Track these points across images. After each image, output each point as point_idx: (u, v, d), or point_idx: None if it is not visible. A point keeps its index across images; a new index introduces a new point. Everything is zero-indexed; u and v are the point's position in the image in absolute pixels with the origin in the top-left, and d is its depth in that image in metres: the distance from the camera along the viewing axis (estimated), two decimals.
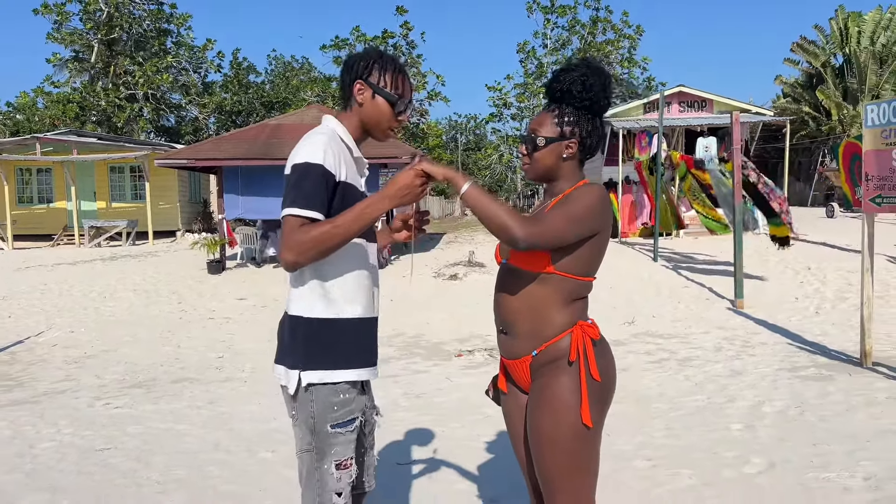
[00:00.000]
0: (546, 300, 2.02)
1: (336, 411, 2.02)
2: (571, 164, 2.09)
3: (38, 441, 4.78)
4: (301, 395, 2.04)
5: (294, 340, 2.06)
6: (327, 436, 2.02)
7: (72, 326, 9.60)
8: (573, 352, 1.99)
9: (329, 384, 2.02)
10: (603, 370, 2.02)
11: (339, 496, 2.04)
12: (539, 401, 2.03)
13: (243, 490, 3.82)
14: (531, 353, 2.05)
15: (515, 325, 2.08)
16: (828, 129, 29.50)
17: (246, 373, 6.86)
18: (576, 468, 1.99)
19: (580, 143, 2.07)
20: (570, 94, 2.03)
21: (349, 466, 2.06)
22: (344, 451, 2.04)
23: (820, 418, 4.70)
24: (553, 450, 1.99)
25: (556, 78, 2.07)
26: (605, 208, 2.01)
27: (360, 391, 2.11)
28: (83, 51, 32.81)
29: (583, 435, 1.98)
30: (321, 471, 2.03)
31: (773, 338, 7.45)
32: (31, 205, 21.87)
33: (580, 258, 2.01)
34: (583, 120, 2.06)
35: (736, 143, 9.31)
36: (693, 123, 18.30)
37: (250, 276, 13.51)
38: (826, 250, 12.77)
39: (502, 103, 33.73)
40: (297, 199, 1.92)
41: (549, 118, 2.07)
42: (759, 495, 3.48)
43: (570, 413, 1.98)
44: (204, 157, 14.82)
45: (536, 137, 2.07)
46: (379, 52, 2.13)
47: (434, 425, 4.88)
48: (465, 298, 10.68)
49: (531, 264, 2.01)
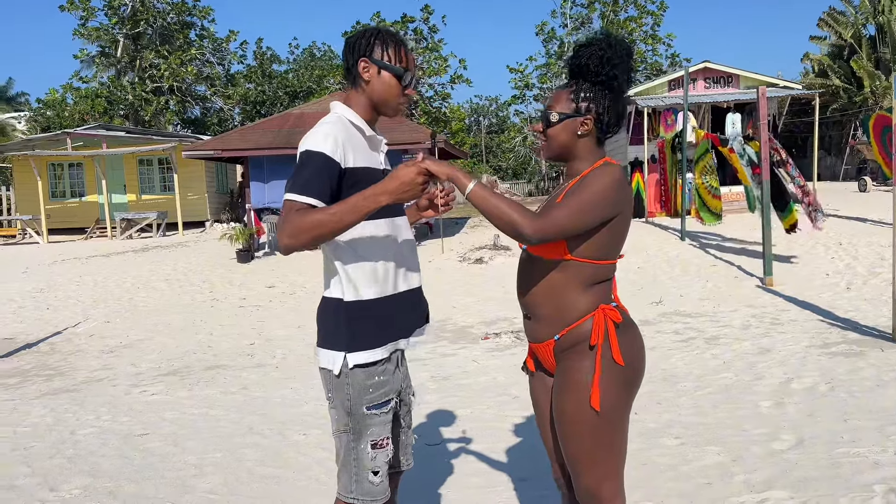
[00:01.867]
0: (566, 285, 2.00)
1: (371, 393, 2.06)
2: (588, 142, 2.05)
3: (78, 427, 4.94)
4: (335, 376, 2.09)
5: (325, 322, 2.11)
6: (363, 417, 2.06)
7: (107, 317, 9.83)
8: (594, 336, 1.98)
9: (363, 366, 2.05)
10: (627, 353, 2.00)
11: (376, 475, 2.08)
12: (562, 384, 2.04)
13: (277, 472, 3.91)
14: (554, 337, 2.05)
15: (538, 310, 2.07)
16: (860, 101, 28.82)
17: (277, 359, 6.99)
18: (600, 449, 2.00)
19: (596, 120, 2.02)
20: (587, 70, 1.99)
21: (385, 446, 2.10)
22: (380, 432, 2.09)
23: (850, 394, 4.66)
24: (577, 432, 2.00)
25: (575, 53, 2.02)
26: (620, 191, 1.95)
27: (394, 371, 2.14)
28: (109, 46, 33.25)
29: (605, 417, 1.97)
30: (358, 450, 2.08)
31: (802, 314, 7.37)
32: (64, 199, 22.31)
33: (598, 243, 1.98)
34: (599, 96, 2.00)
35: (763, 119, 9.16)
36: (719, 100, 18.01)
37: (278, 264, 13.67)
38: (858, 225, 12.54)
39: (524, 85, 33.53)
40: (296, 185, 1.95)
41: (565, 94, 2.04)
42: (787, 471, 3.48)
43: (591, 397, 1.98)
44: (230, 147, 15.00)
45: (550, 113, 2.03)
46: (377, 28, 2.13)
47: (461, 407, 4.94)
48: (490, 282, 10.71)
49: (548, 252, 2.00)
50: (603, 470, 2.01)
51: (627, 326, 2.05)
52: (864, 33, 30.17)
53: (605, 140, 2.08)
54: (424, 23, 31.47)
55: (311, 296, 10.44)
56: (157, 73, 32.43)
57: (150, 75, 32.69)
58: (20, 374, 6.89)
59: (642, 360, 2.07)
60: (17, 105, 38.48)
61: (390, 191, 1.90)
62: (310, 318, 8.84)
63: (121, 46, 32.57)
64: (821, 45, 32.36)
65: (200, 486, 3.77)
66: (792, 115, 23.49)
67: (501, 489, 3.51)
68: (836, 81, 29.76)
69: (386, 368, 2.10)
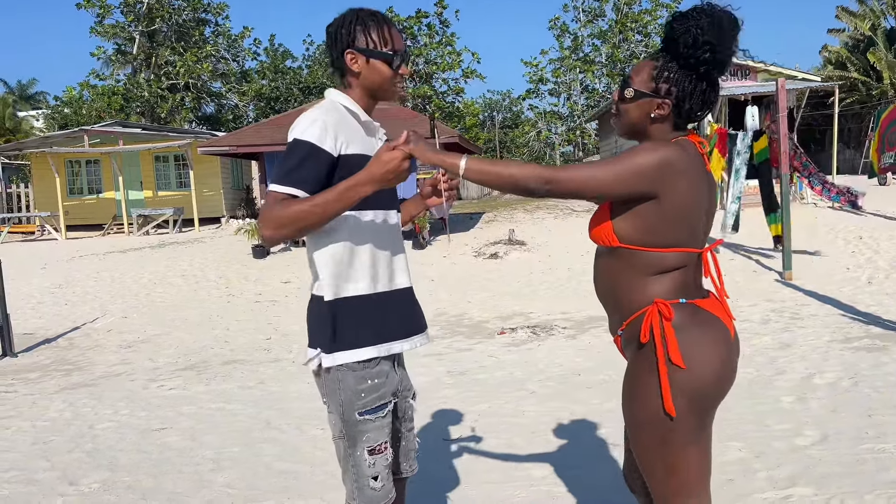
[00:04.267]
0: (620, 275, 1.86)
1: (364, 398, 1.99)
2: (662, 126, 1.85)
3: (97, 422, 4.96)
4: (327, 380, 2.02)
5: (310, 321, 2.07)
6: (356, 423, 1.99)
7: (125, 312, 9.90)
8: (643, 333, 1.79)
9: (351, 368, 1.98)
10: (689, 356, 1.75)
11: (376, 480, 2.01)
12: (624, 382, 1.92)
13: (295, 467, 3.91)
14: (618, 331, 1.93)
15: (604, 304, 1.97)
16: (878, 93, 28.44)
17: (293, 353, 7.00)
18: (657, 459, 1.81)
19: (675, 106, 1.81)
20: (675, 46, 1.75)
21: (383, 451, 2.02)
22: (377, 437, 2.01)
23: (874, 389, 4.59)
24: (635, 437, 1.87)
25: (670, 23, 1.77)
26: (667, 171, 1.73)
27: (390, 375, 2.06)
28: (125, 43, 33.46)
29: (661, 425, 1.78)
30: (355, 457, 2.01)
31: (823, 309, 7.27)
32: (82, 196, 22.49)
33: (644, 228, 1.78)
34: (684, 79, 1.78)
35: (782, 111, 9.04)
36: (736, 92, 17.82)
37: (294, 259, 13.70)
38: (878, 219, 12.37)
39: (538, 79, 33.35)
40: (279, 175, 1.89)
41: (648, 68, 1.82)
42: (811, 467, 3.43)
43: (644, 401, 1.82)
44: (245, 143, 15.04)
45: (627, 87, 1.85)
46: (355, 12, 2.02)
47: (478, 402, 4.91)
48: (506, 277, 10.67)
49: (598, 237, 1.87)
50: (676, 481, 1.81)
51: (696, 325, 1.80)
52: (883, 25, 29.75)
53: (687, 126, 1.88)
54: (438, 17, 31.41)
55: None
56: (172, 71, 32.60)
57: (165, 72, 32.87)
58: (39, 368, 6.94)
59: (712, 365, 1.78)
60: (36, 103, 38.87)
61: (376, 178, 1.82)
62: None
63: (137, 44, 32.77)
64: (839, 37, 31.97)
65: (218, 480, 3.77)
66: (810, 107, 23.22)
67: (519, 485, 3.48)
68: (855, 74, 29.39)
69: (380, 371, 2.02)
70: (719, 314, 1.86)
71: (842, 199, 9.53)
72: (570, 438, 4.08)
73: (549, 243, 12.82)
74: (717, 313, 1.86)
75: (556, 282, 10.18)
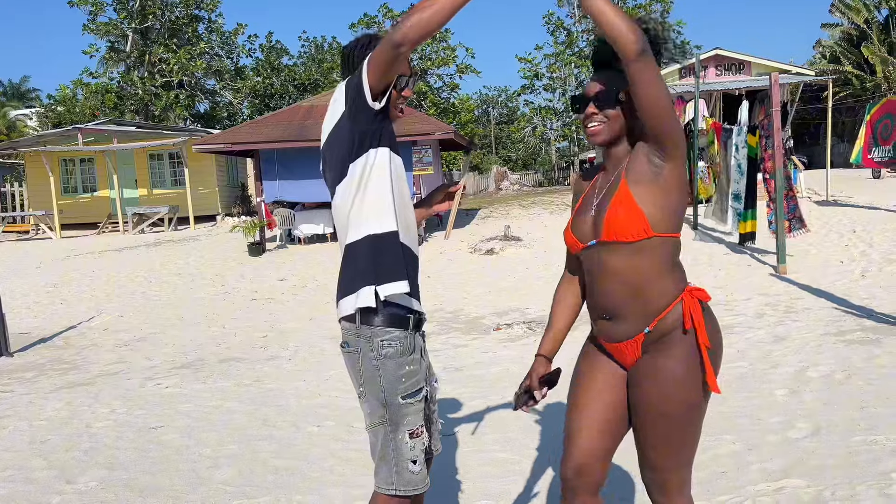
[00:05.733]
0: (650, 272, 1.88)
1: (404, 382, 2.09)
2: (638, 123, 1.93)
3: (94, 420, 4.97)
4: (364, 367, 2.09)
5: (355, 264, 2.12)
6: (399, 407, 2.08)
7: (121, 311, 9.89)
8: (687, 320, 1.87)
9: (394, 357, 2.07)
10: (712, 336, 1.91)
11: (415, 464, 2.11)
12: (651, 374, 1.92)
13: (292, 464, 3.93)
14: (643, 331, 1.92)
15: (623, 309, 1.93)
16: (872, 87, 28.51)
17: (290, 351, 7.01)
18: (689, 436, 1.93)
19: None
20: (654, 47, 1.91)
21: (421, 434, 2.13)
22: (416, 420, 2.11)
23: (867, 382, 4.62)
24: (667, 424, 1.90)
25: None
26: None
27: (422, 362, 2.17)
28: (118, 41, 33.33)
29: (699, 404, 1.91)
30: (396, 441, 2.10)
31: (817, 302, 7.31)
32: (76, 194, 22.43)
33: (671, 210, 1.88)
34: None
35: (776, 106, 9.07)
36: (730, 87, 17.87)
37: (290, 257, 13.70)
38: (872, 212, 12.42)
39: (533, 74, 33.32)
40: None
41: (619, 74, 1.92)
42: (804, 459, 3.46)
43: (683, 386, 1.88)
44: (240, 141, 15.01)
45: (619, 92, 1.91)
46: (369, 37, 2.14)
47: (475, 398, 4.94)
48: (502, 273, 10.69)
49: (629, 232, 1.86)
50: (687, 456, 1.95)
51: (708, 308, 1.96)
52: (877, 18, 29.81)
53: None
54: None
55: (322, 289, 10.46)
56: (166, 68, 32.49)
57: (159, 70, 32.75)
58: (36, 368, 6.94)
59: (722, 343, 1.97)
60: (29, 101, 38.71)
61: None
62: (321, 311, 8.87)
63: (130, 41, 32.63)
64: (833, 31, 32.02)
65: (215, 477, 3.79)
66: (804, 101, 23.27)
67: (515, 479, 3.51)
68: (849, 68, 29.44)
69: (415, 358, 2.12)
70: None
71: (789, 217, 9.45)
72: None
73: (545, 239, 12.84)
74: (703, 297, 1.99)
75: (552, 277, 10.20)
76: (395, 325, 2.08)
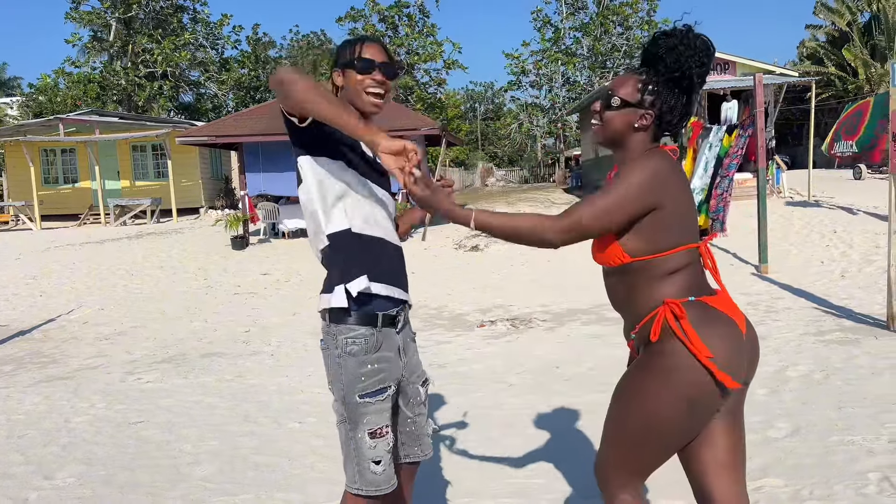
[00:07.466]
0: (635, 285, 1.93)
1: (363, 381, 2.06)
2: (643, 136, 1.94)
3: (73, 415, 4.92)
4: (331, 364, 2.10)
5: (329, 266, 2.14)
6: (357, 406, 2.06)
7: (101, 304, 9.79)
8: (654, 332, 1.86)
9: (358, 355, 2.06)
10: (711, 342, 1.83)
11: (378, 464, 2.08)
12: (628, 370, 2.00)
13: (272, 460, 3.91)
14: (631, 335, 1.99)
15: (620, 309, 2.03)
16: (854, 89, 28.81)
17: (272, 346, 6.97)
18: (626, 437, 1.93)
19: (657, 118, 1.92)
20: (661, 62, 1.87)
21: (384, 435, 2.09)
22: (377, 420, 2.07)
23: (845, 382, 4.68)
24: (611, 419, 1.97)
25: (654, 41, 1.90)
26: (662, 180, 1.84)
27: (393, 361, 2.13)
28: (101, 30, 32.93)
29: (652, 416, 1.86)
30: (356, 440, 2.08)
31: (797, 302, 7.39)
32: (57, 185, 22.17)
33: (651, 237, 1.87)
34: (667, 93, 1.89)
35: (759, 106, 9.14)
36: (715, 87, 17.97)
37: (273, 251, 13.63)
38: (853, 213, 12.56)
39: (520, 71, 33.32)
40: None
41: (633, 80, 1.93)
42: (782, 458, 3.49)
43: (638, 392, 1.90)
44: (224, 133, 14.91)
45: (612, 96, 1.93)
46: (347, 40, 2.20)
47: (458, 395, 4.94)
48: (486, 269, 10.70)
49: (606, 260, 1.93)
50: (620, 457, 1.95)
51: (705, 322, 1.85)
52: (859, 21, 30.11)
53: (663, 136, 1.99)
54: (419, 8, 31.26)
55: (306, 283, 10.41)
56: (150, 58, 32.14)
57: (143, 60, 32.39)
58: (14, 361, 6.86)
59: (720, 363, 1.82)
60: (10, 90, 38.16)
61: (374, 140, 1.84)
62: (304, 306, 8.83)
63: (113, 31, 32.24)
64: (817, 32, 32.30)
65: (196, 473, 3.76)
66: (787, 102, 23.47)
67: (495, 476, 3.51)
68: (832, 69, 29.74)
69: (381, 357, 2.09)
70: (727, 310, 1.92)
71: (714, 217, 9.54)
72: (548, 431, 4.12)
73: None
74: (725, 310, 1.92)
75: (536, 275, 10.23)
76: (362, 322, 2.07)
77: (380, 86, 2.12)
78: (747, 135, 9.42)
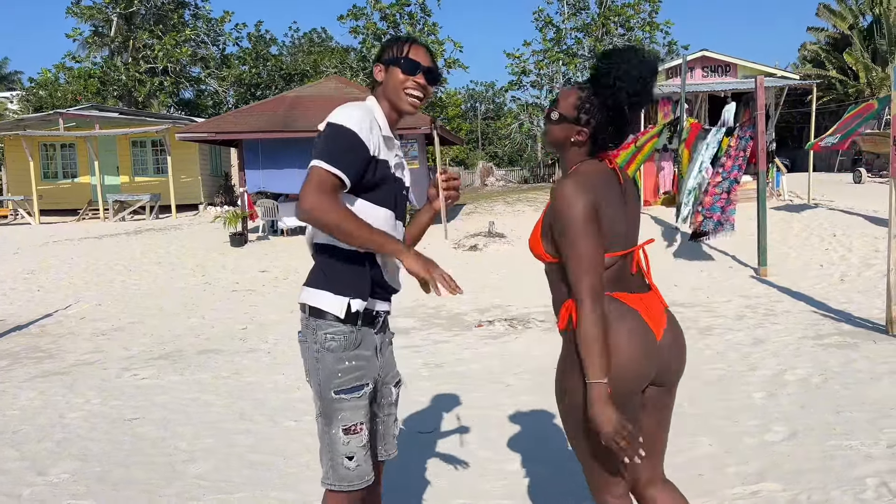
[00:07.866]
0: (555, 280, 2.02)
1: (340, 377, 2.08)
2: (579, 150, 1.98)
3: (68, 411, 4.90)
4: (310, 359, 2.14)
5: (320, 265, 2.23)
6: (332, 401, 2.09)
7: (99, 299, 9.77)
8: (561, 320, 1.97)
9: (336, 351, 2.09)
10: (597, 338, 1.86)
11: (351, 460, 2.10)
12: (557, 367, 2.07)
13: (268, 458, 3.89)
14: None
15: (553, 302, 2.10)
16: (855, 92, 28.80)
17: (269, 344, 6.95)
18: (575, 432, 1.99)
19: (591, 135, 1.94)
20: (598, 83, 1.89)
21: (359, 431, 2.11)
22: (352, 417, 2.09)
23: (843, 386, 4.66)
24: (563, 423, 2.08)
25: (598, 59, 1.92)
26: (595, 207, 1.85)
27: (371, 359, 2.15)
28: (102, 25, 32.86)
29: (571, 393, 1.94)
30: (330, 435, 2.11)
31: (796, 305, 7.38)
32: (56, 180, 22.14)
33: None
34: (601, 114, 1.91)
35: (760, 109, 9.13)
36: (716, 89, 17.95)
37: (272, 248, 13.61)
38: (852, 216, 12.55)
39: (521, 71, 33.27)
40: (326, 153, 1.97)
41: (573, 96, 1.96)
42: (780, 463, 3.48)
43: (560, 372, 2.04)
44: (224, 130, 14.88)
45: (553, 110, 1.99)
46: (394, 37, 2.23)
47: (455, 394, 4.92)
48: (485, 269, 10.68)
49: (537, 256, 2.03)
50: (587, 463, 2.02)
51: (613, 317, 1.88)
52: (860, 24, 30.10)
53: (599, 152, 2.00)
54: (420, 6, 31.25)
55: (304, 281, 10.38)
56: (150, 54, 32.06)
57: (143, 56, 32.32)
58: (10, 356, 6.84)
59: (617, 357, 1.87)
60: (10, 84, 38.09)
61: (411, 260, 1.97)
62: None
63: (114, 26, 32.17)
64: (818, 35, 32.29)
65: (191, 471, 3.75)
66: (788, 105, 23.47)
67: (492, 477, 3.50)
68: (833, 72, 29.72)
69: (359, 354, 2.11)
70: (638, 308, 1.94)
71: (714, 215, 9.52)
72: (544, 431, 4.10)
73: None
74: (636, 307, 1.94)
75: (535, 275, 10.18)
76: (343, 319, 2.09)
77: (421, 89, 2.15)
78: (749, 137, 9.41)
